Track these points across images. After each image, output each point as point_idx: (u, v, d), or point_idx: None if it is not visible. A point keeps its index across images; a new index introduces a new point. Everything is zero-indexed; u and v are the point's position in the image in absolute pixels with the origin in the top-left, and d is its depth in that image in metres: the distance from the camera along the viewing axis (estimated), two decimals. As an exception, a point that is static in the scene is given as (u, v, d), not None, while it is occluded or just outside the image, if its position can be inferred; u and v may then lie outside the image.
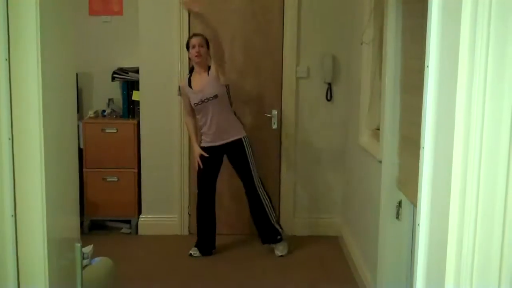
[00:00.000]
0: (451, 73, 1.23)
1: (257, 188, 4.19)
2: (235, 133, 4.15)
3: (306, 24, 4.55)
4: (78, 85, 4.43)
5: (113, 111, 4.75)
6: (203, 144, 4.19)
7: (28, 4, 1.39)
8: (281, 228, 4.29)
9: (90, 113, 4.76)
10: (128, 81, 4.69)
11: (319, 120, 4.66)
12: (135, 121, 4.66)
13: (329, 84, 4.61)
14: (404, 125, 2.86)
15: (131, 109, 4.74)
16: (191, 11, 3.96)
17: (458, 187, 1.22)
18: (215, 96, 4.04)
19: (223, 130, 4.12)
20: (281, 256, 4.24)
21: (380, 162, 3.15)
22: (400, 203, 2.97)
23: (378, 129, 3.43)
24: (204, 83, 4.07)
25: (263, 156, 4.50)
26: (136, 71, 4.63)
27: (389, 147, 3.00)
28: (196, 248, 4.29)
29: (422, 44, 2.42)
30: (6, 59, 1.39)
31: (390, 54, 2.98)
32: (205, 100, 4.05)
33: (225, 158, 4.25)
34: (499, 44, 1.15)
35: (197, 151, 4.19)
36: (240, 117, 4.28)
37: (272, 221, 4.24)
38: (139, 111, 4.67)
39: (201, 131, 4.20)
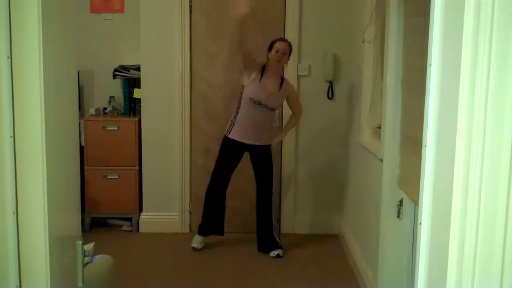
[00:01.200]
0: (453, 71, 1.23)
1: (271, 196, 4.21)
2: (266, 141, 4.17)
3: (308, 22, 4.55)
4: (80, 83, 4.43)
5: (114, 108, 4.75)
6: (231, 136, 4.13)
7: (30, 1, 1.39)
8: (280, 240, 4.28)
9: (91, 111, 4.76)
10: (130, 78, 4.68)
11: (320, 119, 4.66)
12: (136, 119, 4.66)
13: (331, 82, 4.61)
14: (406, 124, 2.86)
15: (132, 107, 4.74)
16: (241, 14, 3.72)
17: (460, 185, 1.22)
18: (273, 109, 4.13)
19: (256, 134, 4.11)
20: (278, 256, 4.21)
21: (381, 160, 3.15)
22: (401, 201, 2.97)
23: (379, 128, 3.42)
24: (272, 92, 4.06)
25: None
26: (138, 68, 4.63)
27: (390, 146, 3.00)
28: (199, 238, 4.26)
29: (424, 42, 2.42)
30: (8, 57, 1.39)
31: (392, 52, 2.97)
32: (263, 105, 4.04)
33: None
34: (502, 42, 1.14)
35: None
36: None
37: (274, 233, 4.25)
38: (140, 109, 4.67)
39: (236, 120, 4.11)
